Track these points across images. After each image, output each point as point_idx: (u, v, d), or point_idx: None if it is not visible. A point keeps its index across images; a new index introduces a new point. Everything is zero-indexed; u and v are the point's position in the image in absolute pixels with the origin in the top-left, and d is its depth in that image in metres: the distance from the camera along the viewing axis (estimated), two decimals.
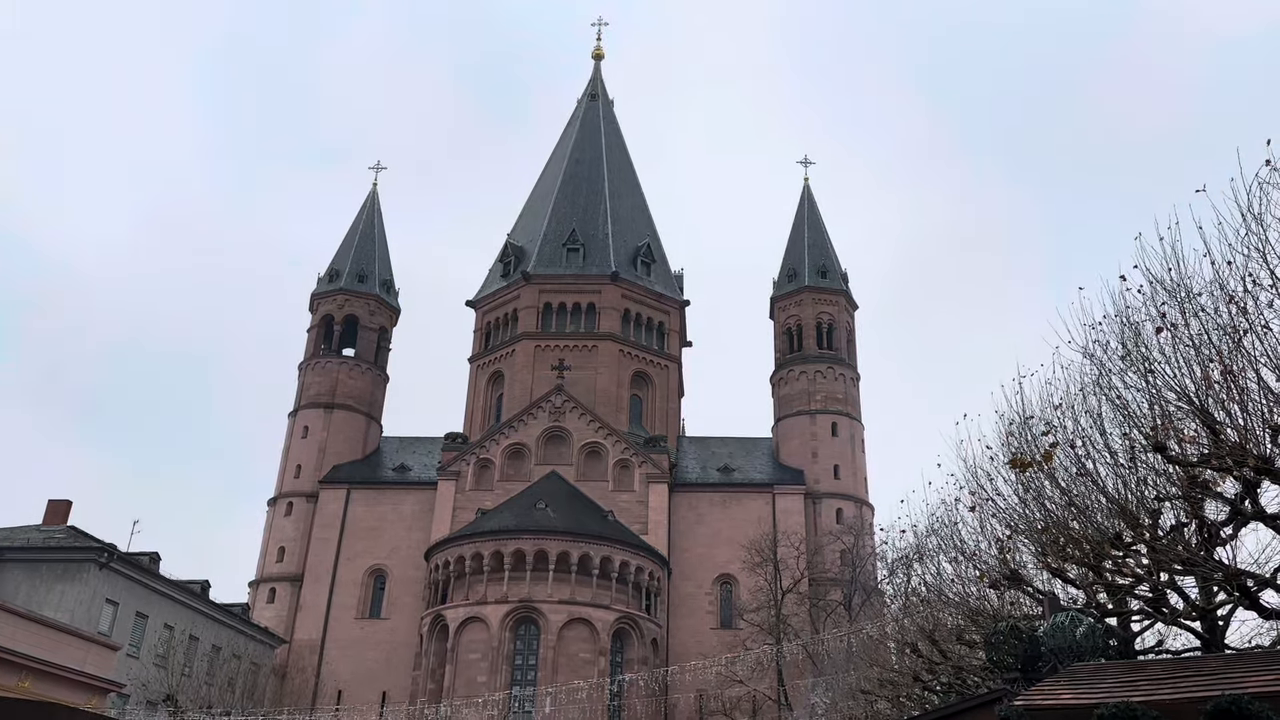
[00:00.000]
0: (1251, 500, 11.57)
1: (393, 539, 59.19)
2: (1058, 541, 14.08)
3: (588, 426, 60.21)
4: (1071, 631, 11.88)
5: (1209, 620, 13.45)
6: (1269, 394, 10.36)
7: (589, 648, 50.40)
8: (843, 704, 29.49)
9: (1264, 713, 6.87)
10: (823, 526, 57.64)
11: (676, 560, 57.36)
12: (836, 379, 63.88)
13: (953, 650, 18.69)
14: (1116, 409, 13.05)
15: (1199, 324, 11.28)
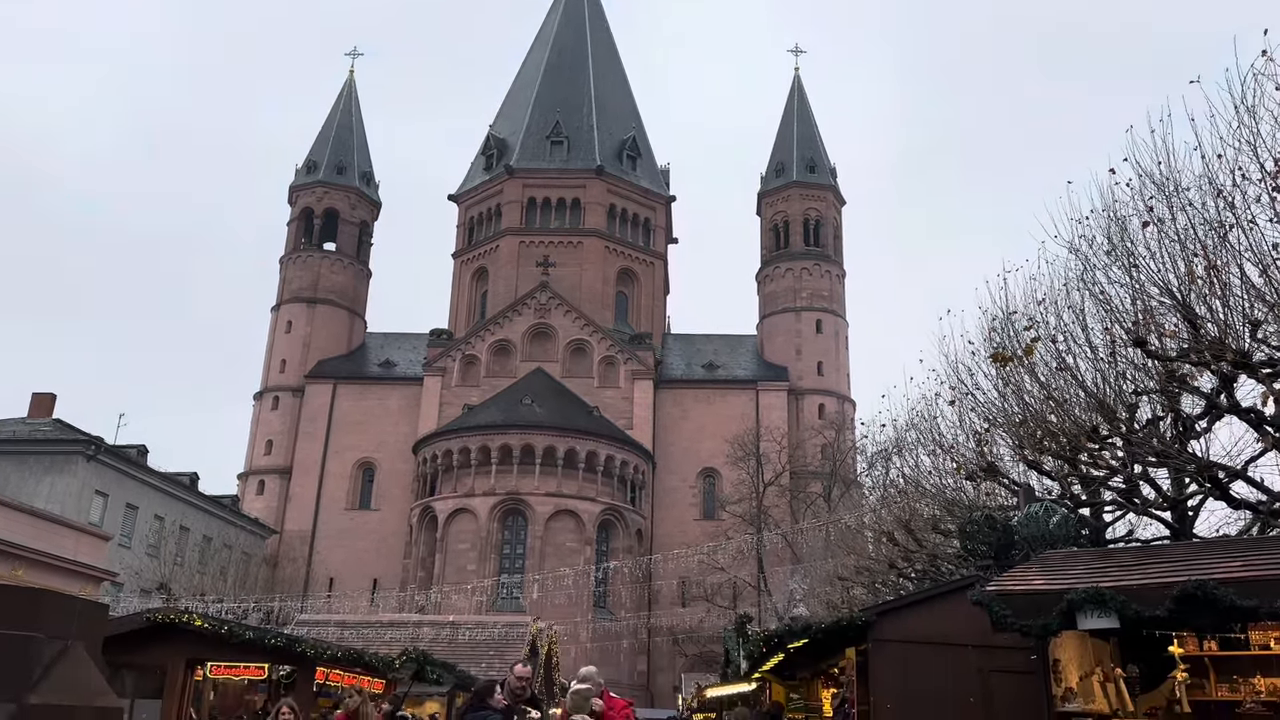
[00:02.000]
0: (1227, 394, 11.69)
1: (380, 433, 59.71)
2: (1035, 435, 14.27)
3: (573, 324, 60.20)
4: (1045, 521, 12.14)
5: (1179, 510, 13.78)
6: (1251, 289, 10.35)
7: (575, 538, 51.59)
8: (820, 590, 30.43)
9: (1228, 596, 7.07)
10: (805, 422, 58.42)
11: (661, 454, 58.22)
12: (822, 276, 63.75)
13: (928, 539, 19.16)
14: (1099, 304, 13.05)
15: (1186, 218, 11.17)
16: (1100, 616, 7.70)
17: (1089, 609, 7.71)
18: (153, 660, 15.32)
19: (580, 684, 7.79)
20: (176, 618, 15.20)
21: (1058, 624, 7.90)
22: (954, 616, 9.83)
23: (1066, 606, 7.79)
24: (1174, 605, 7.37)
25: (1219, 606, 7.15)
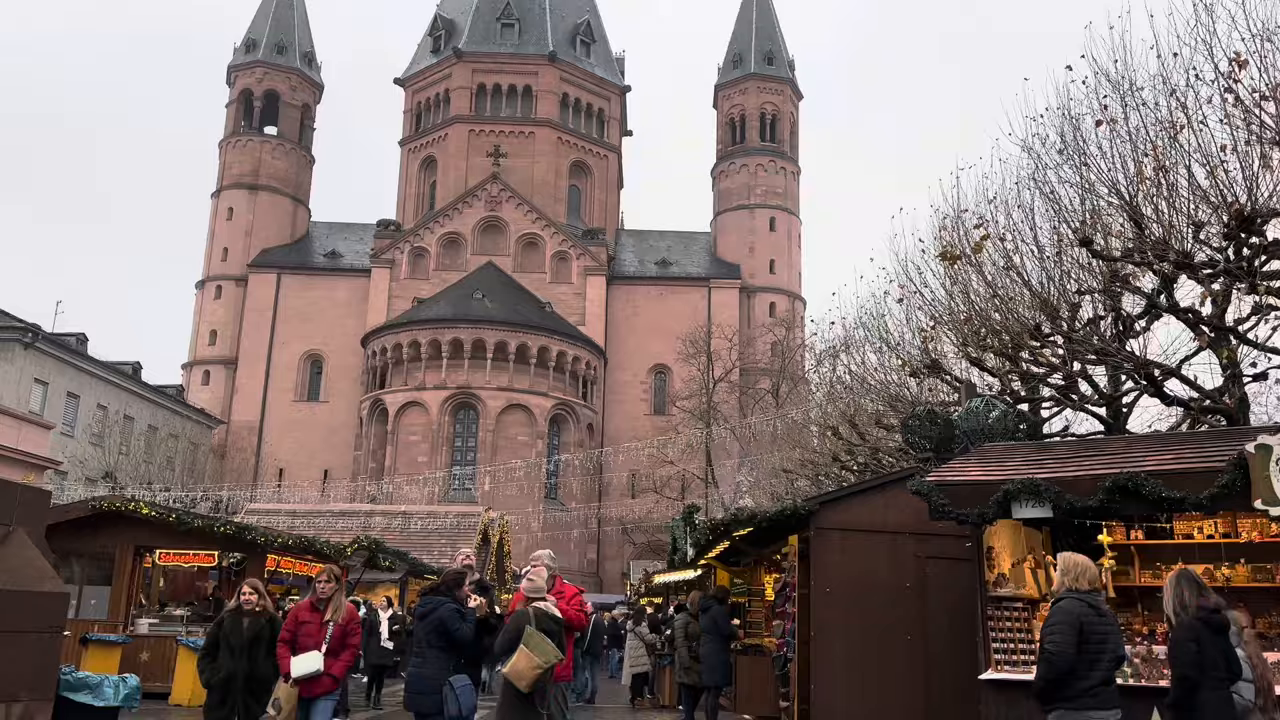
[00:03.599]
0: (1167, 295, 11.95)
1: (327, 325, 58.94)
2: (979, 332, 14.51)
3: (525, 217, 59.29)
4: (985, 415, 12.49)
5: (1114, 407, 14.23)
6: (1197, 190, 10.48)
7: (527, 431, 52.02)
8: (765, 482, 31.22)
9: (1157, 488, 7.38)
10: (756, 319, 58.84)
11: (613, 351, 58.44)
12: (777, 173, 63.27)
13: (871, 433, 19.62)
14: (1049, 203, 13.13)
15: (1139, 118, 11.19)
16: (1034, 506, 8.00)
17: (1024, 499, 8.01)
18: (100, 548, 15.29)
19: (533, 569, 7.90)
20: (123, 505, 15.11)
21: (994, 513, 8.20)
22: (894, 506, 10.14)
23: (1003, 496, 8.08)
24: (1105, 496, 7.68)
25: (1148, 497, 7.47)
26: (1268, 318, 11.35)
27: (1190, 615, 5.84)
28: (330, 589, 7.45)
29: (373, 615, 14.41)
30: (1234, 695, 5.87)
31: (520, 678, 6.35)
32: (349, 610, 7.56)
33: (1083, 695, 5.63)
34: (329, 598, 7.40)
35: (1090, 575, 5.96)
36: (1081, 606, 5.80)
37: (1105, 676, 5.69)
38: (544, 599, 6.79)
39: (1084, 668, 5.62)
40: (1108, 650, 5.73)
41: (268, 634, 7.52)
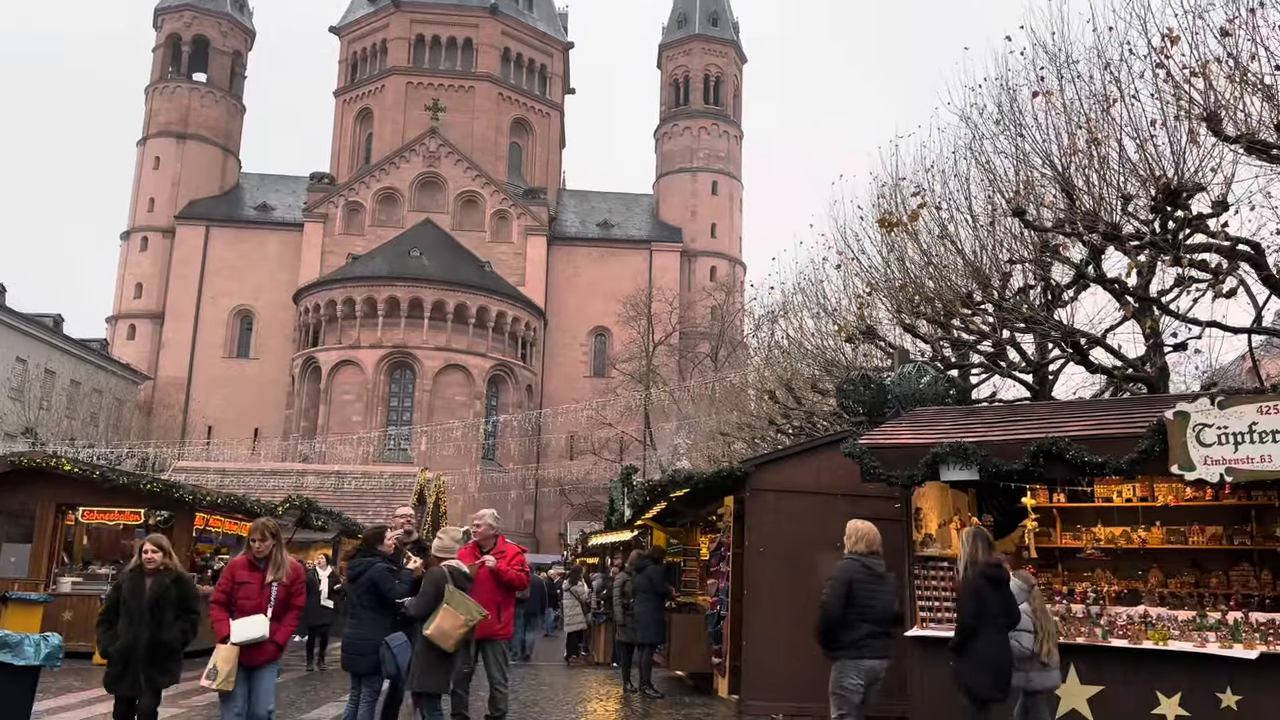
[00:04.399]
0: (1095, 265, 12.27)
1: (258, 280, 57.54)
2: (913, 299, 14.75)
3: (464, 174, 58.34)
4: (916, 380, 12.74)
5: (1040, 374, 14.64)
6: (1127, 163, 10.73)
7: (465, 392, 51.64)
8: (703, 444, 31.50)
9: (1079, 452, 7.63)
10: (697, 283, 59.04)
11: (553, 312, 58.14)
12: (720, 136, 63.19)
13: (807, 397, 19.90)
14: (984, 173, 13.33)
15: (1074, 90, 11.40)
16: (962, 469, 8.21)
17: (952, 462, 8.21)
18: (20, 505, 14.86)
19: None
20: (44, 462, 14.65)
21: (922, 475, 8.40)
22: (827, 468, 10.32)
23: (931, 459, 8.28)
24: (1030, 460, 7.92)
25: (1071, 462, 7.71)
26: (1189, 290, 11.73)
27: (978, 570, 6.57)
28: (267, 546, 6.58)
29: (312, 574, 14.26)
30: (1013, 641, 6.62)
31: (446, 637, 6.24)
32: (293, 568, 6.76)
33: (853, 645, 6.30)
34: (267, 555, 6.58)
35: (869, 540, 6.62)
36: (856, 567, 6.48)
37: (873, 630, 6.31)
38: (454, 558, 6.69)
39: (853, 620, 6.28)
40: (876, 607, 6.37)
41: (174, 595, 6.63)
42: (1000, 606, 6.55)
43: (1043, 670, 6.96)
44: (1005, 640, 6.58)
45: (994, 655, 6.48)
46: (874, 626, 6.36)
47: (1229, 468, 7.07)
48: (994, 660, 6.48)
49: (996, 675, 6.48)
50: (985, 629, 6.48)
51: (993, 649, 6.48)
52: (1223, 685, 7.11)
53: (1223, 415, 7.13)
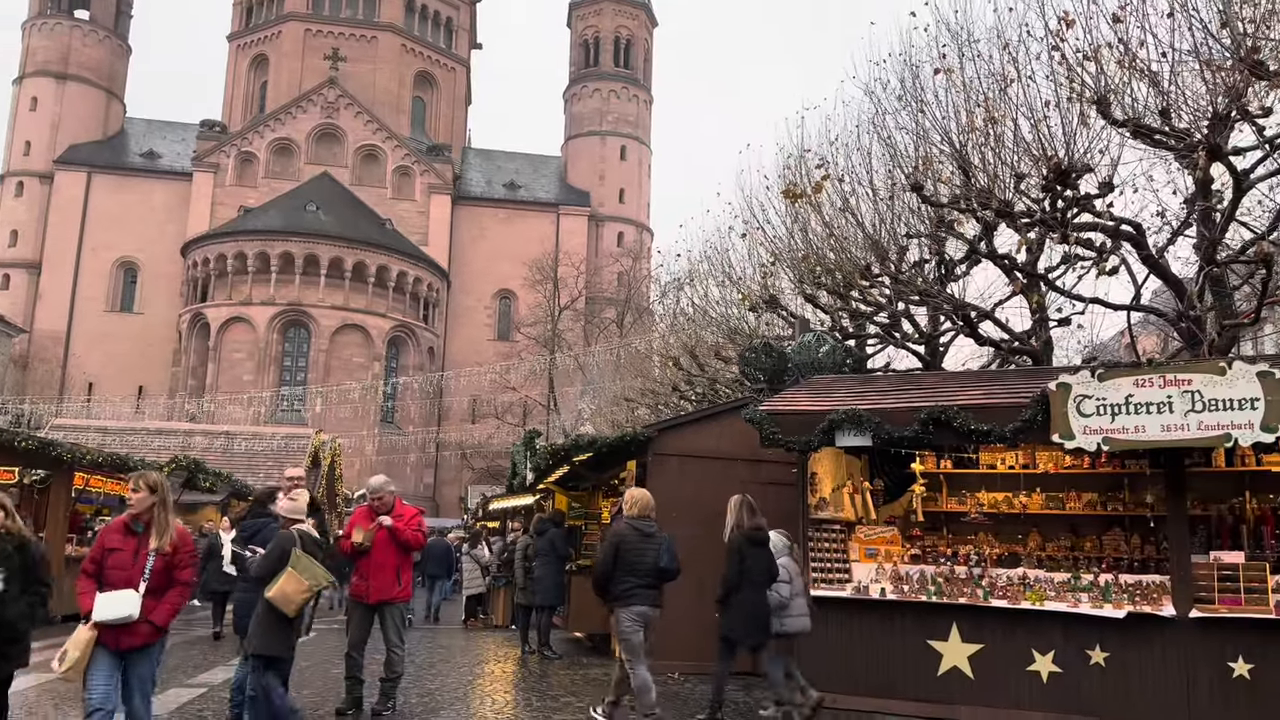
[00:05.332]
0: (987, 241, 12.69)
1: (143, 231, 54.88)
2: (814, 270, 15.03)
3: (365, 127, 56.60)
4: (815, 350, 13.03)
5: (932, 345, 15.13)
6: (1021, 143, 11.10)
7: (363, 353, 50.50)
8: (607, 410, 31.61)
9: (967, 420, 7.94)
10: (604, 249, 58.87)
11: (456, 273, 57.20)
12: (630, 100, 62.84)
13: (710, 365, 20.14)
14: (886, 148, 13.62)
15: (974, 69, 11.69)
16: (856, 435, 8.45)
17: (847, 428, 8.44)
18: None
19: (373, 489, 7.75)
20: None
21: (819, 441, 8.61)
22: (729, 434, 10.47)
23: (828, 426, 8.49)
24: (920, 427, 8.19)
25: (959, 429, 8.01)
26: (1075, 267, 12.26)
27: (742, 533, 7.47)
28: (145, 502, 5.34)
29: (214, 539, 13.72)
30: (771, 594, 7.53)
31: (287, 602, 5.99)
32: (179, 536, 5.46)
33: (623, 595, 6.98)
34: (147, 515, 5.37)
35: (642, 505, 7.29)
36: (626, 528, 7.15)
37: (639, 583, 6.99)
38: (304, 521, 6.48)
39: (622, 574, 6.97)
40: (645, 563, 7.02)
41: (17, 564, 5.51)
42: (760, 565, 7.44)
43: (796, 616, 7.80)
44: (763, 595, 7.47)
45: (753, 608, 7.37)
46: (640, 580, 7.02)
47: (1106, 437, 7.44)
48: (753, 612, 7.36)
49: (754, 624, 7.37)
50: (746, 585, 7.34)
51: (752, 602, 7.37)
52: (1093, 643, 7.55)
53: (1102, 387, 7.50)
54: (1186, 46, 9.40)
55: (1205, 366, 7.38)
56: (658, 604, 7.14)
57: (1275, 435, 6.94)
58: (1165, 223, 12.50)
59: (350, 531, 7.54)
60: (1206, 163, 9.53)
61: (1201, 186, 10.24)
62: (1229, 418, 7.01)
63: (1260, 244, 10.38)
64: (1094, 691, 7.49)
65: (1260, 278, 11.14)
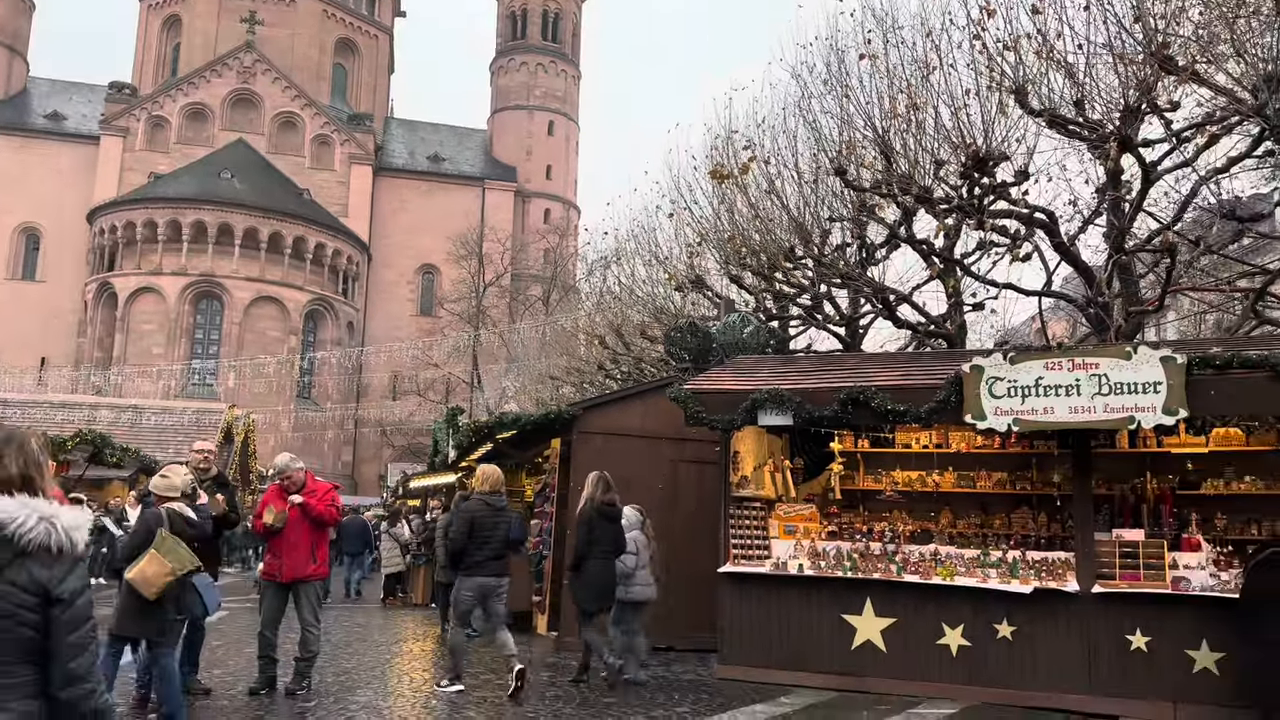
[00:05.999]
0: (907, 226, 12.95)
1: (46, 195, 52.33)
2: (740, 251, 15.15)
3: (283, 94, 54.86)
4: (740, 330, 13.14)
5: (852, 327, 15.42)
6: (941, 130, 11.33)
7: (279, 326, 49.21)
8: (531, 388, 31.46)
9: (884, 400, 8.10)
10: (530, 225, 58.33)
11: (377, 246, 56.07)
12: (558, 75, 62.20)
13: (636, 344, 20.19)
14: (811, 131, 13.76)
15: (897, 56, 11.88)
16: (778, 414, 8.56)
17: (769, 407, 8.54)
18: None
19: None
20: None
21: (741, 420, 8.70)
22: (653, 412, 10.51)
23: (750, 405, 8.58)
24: (839, 407, 8.34)
25: (877, 409, 8.18)
26: (990, 253, 12.59)
27: (593, 506, 7.93)
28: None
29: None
30: (618, 563, 8.04)
31: (148, 584, 5.63)
32: None
33: (473, 566, 7.40)
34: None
35: (493, 481, 7.66)
36: (478, 504, 7.52)
37: (491, 554, 7.43)
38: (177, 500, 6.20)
39: (474, 547, 7.37)
40: (496, 536, 7.43)
41: None
42: (608, 537, 7.95)
43: (641, 585, 8.33)
44: (610, 564, 7.96)
45: (599, 576, 7.87)
46: (490, 552, 7.43)
47: (1016, 418, 7.68)
48: (599, 580, 7.88)
49: (600, 592, 7.91)
50: (593, 554, 7.86)
51: (598, 571, 7.87)
52: (1000, 617, 7.81)
53: (1013, 370, 7.72)
54: (1101, 40, 9.70)
55: (1111, 351, 7.66)
56: (503, 573, 7.59)
57: (1176, 418, 7.25)
58: (1077, 211, 12.92)
59: (262, 511, 7.35)
60: (1117, 154, 9.86)
61: (1112, 177, 10.59)
62: (1133, 401, 7.30)
63: (1165, 234, 10.81)
64: (1000, 664, 7.77)
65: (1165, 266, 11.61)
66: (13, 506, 2.21)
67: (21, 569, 2.17)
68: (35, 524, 2.19)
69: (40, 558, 2.19)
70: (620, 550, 8.10)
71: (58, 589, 2.19)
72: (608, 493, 8.10)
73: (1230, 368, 7.15)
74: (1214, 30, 9.24)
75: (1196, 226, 14.71)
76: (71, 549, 2.23)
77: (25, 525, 2.18)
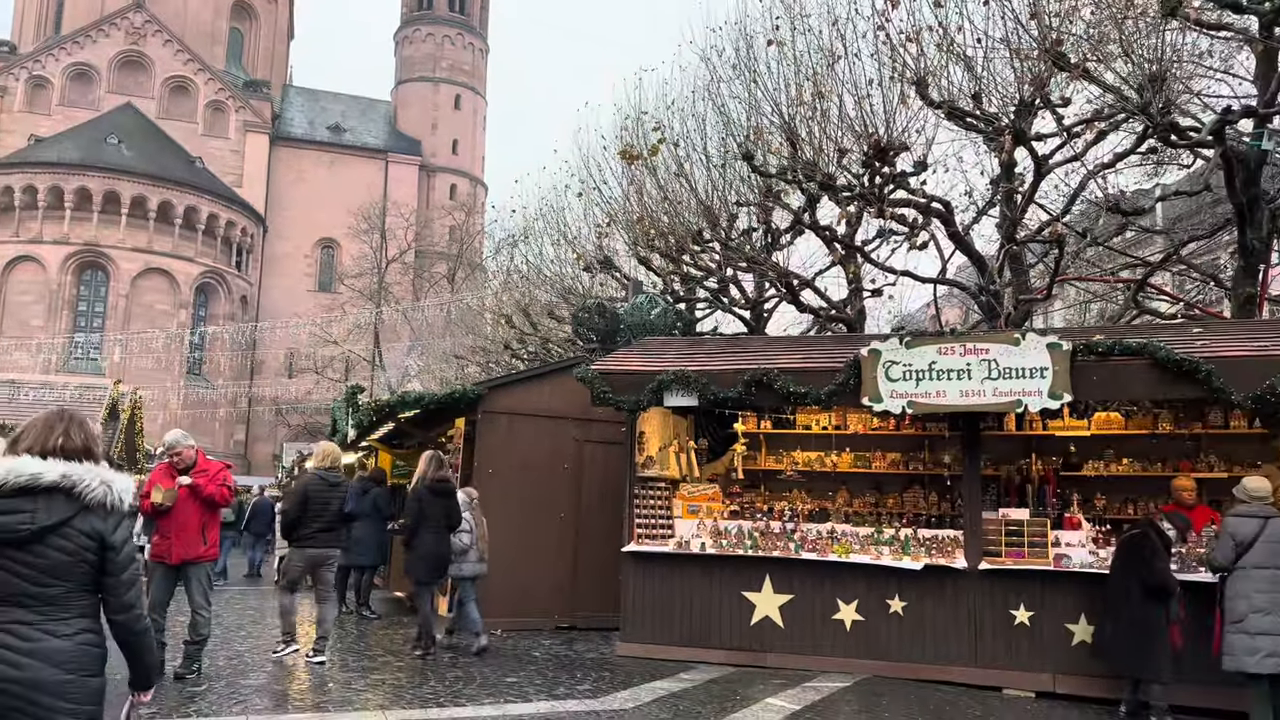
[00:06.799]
0: (811, 213, 13.19)
1: None
2: (649, 233, 15.19)
3: (174, 57, 52.46)
4: (647, 311, 13.22)
5: (757, 311, 15.66)
6: (845, 119, 11.54)
7: (168, 299, 47.24)
8: (436, 367, 30.98)
9: (786, 383, 8.25)
10: (435, 200, 57.29)
11: (274, 218, 54.26)
12: (465, 47, 61.09)
13: (543, 323, 20.06)
14: (720, 115, 13.86)
15: (805, 43, 12.04)
16: (683, 395, 8.64)
17: (675, 388, 8.61)
18: None
19: None
20: None
21: (648, 401, 8.75)
22: (560, 392, 10.48)
23: (657, 386, 8.64)
24: (743, 388, 8.46)
25: (779, 391, 8.33)
26: (889, 241, 12.93)
27: (425, 483, 8.30)
28: None
29: None
30: (453, 539, 8.44)
31: None
32: None
33: (304, 538, 7.77)
34: None
35: (332, 457, 8.10)
36: (314, 479, 7.89)
37: (322, 526, 7.78)
38: None
39: (307, 520, 7.74)
40: (329, 510, 7.82)
41: None
42: (440, 512, 8.28)
43: (473, 562, 8.75)
44: (442, 538, 8.31)
45: (430, 549, 8.24)
46: (323, 525, 7.79)
47: (910, 401, 7.93)
48: (430, 553, 8.25)
49: (432, 564, 8.31)
50: (423, 529, 8.21)
51: (430, 544, 8.24)
52: (892, 593, 8.08)
53: (908, 354, 7.96)
54: (999, 34, 10.01)
55: (1001, 337, 7.96)
56: (335, 545, 8.01)
57: (1060, 402, 7.60)
58: (972, 202, 13.38)
59: (150, 490, 7.06)
60: (1011, 147, 10.22)
61: (1006, 169, 10.99)
62: (1020, 385, 7.61)
63: (1054, 225, 11.28)
64: (892, 638, 8.04)
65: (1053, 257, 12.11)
66: (81, 471, 2.77)
67: (86, 520, 2.73)
68: (97, 486, 2.76)
69: (98, 512, 2.75)
70: (455, 525, 8.43)
71: (111, 537, 2.77)
72: (439, 470, 8.46)
73: (1111, 354, 7.51)
74: (1104, 30, 9.64)
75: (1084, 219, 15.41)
76: (121, 506, 2.80)
77: (90, 486, 2.74)
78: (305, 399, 44.06)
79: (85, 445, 2.83)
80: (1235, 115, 9.62)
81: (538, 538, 10.36)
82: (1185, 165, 14.05)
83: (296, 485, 7.84)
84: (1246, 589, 6.36)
